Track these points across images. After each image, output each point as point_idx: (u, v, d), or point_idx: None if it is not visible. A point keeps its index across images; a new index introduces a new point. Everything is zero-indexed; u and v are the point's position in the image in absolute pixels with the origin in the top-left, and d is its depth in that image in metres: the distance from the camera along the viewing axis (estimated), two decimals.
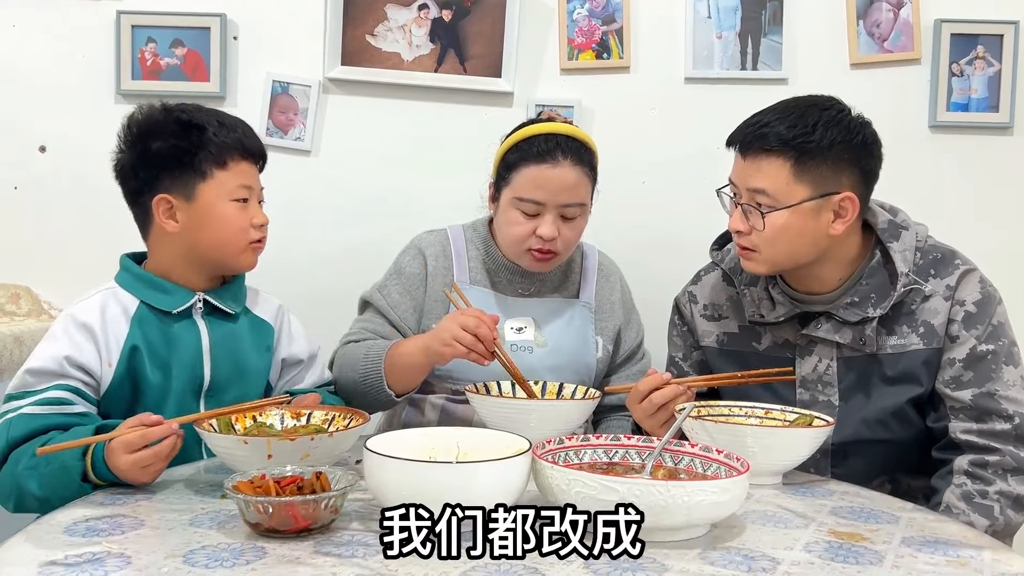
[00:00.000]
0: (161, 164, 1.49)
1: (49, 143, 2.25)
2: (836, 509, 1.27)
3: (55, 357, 1.42)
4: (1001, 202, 2.29)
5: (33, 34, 2.23)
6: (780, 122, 1.49)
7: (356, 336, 1.78)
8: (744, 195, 1.53)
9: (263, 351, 1.60)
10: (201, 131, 1.49)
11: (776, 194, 1.49)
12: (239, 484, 1.10)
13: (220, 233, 1.51)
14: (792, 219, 1.49)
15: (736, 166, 1.56)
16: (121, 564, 0.98)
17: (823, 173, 1.49)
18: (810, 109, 1.51)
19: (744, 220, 1.53)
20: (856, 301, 1.56)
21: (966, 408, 1.51)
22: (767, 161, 1.50)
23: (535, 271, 1.81)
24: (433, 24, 2.26)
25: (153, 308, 1.50)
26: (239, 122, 1.55)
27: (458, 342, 1.52)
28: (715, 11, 2.26)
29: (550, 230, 1.71)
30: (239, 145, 1.52)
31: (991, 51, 2.25)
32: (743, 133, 1.54)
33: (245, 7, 2.26)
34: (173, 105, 1.53)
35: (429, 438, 1.23)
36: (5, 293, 2.19)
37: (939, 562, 1.07)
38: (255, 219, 1.54)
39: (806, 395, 1.61)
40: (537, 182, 1.71)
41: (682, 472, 1.22)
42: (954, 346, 1.53)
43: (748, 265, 1.57)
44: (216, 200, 1.50)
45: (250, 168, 1.55)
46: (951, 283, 1.55)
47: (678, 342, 1.78)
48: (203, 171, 1.49)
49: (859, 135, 1.50)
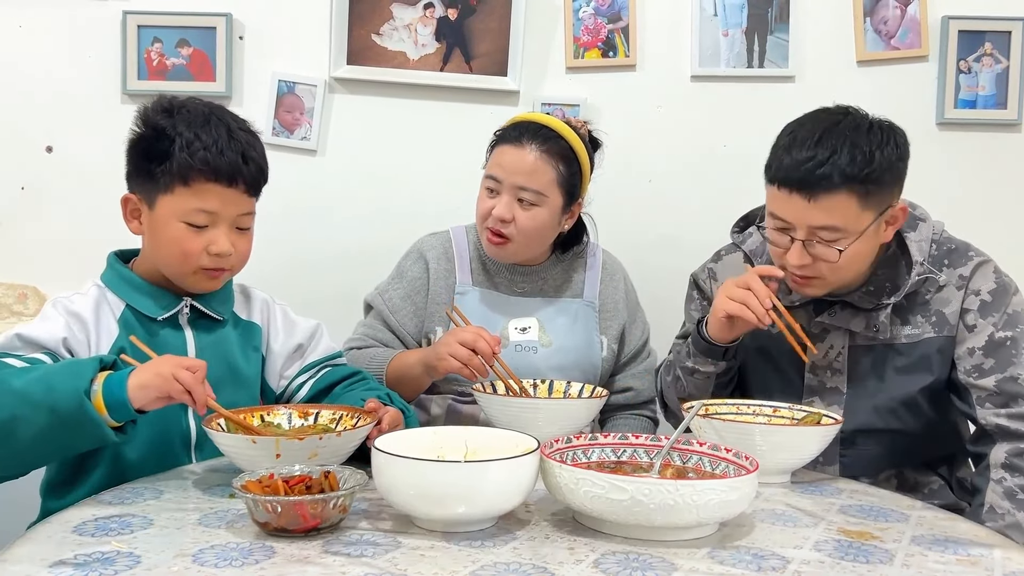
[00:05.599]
0: (135, 162, 1.44)
1: (55, 143, 2.25)
2: (845, 507, 1.27)
3: (51, 334, 1.36)
4: (1009, 199, 2.28)
5: (39, 34, 2.24)
6: (837, 156, 1.44)
7: (358, 343, 1.80)
8: (803, 232, 1.48)
9: (251, 353, 1.54)
10: (171, 142, 1.39)
11: (846, 228, 1.47)
12: (248, 483, 1.10)
13: (168, 250, 1.43)
14: (862, 244, 1.49)
15: (791, 203, 1.48)
16: (131, 563, 0.98)
17: (882, 194, 1.48)
18: (856, 133, 1.47)
19: (805, 255, 1.50)
20: (871, 290, 1.57)
21: (992, 395, 1.52)
22: (834, 199, 1.45)
23: (494, 257, 1.81)
24: (439, 23, 2.25)
25: (138, 313, 1.45)
26: (223, 139, 1.41)
27: (454, 357, 1.55)
28: (721, 8, 2.25)
29: (502, 209, 1.72)
30: (205, 166, 1.38)
31: (999, 48, 2.25)
32: (801, 172, 1.46)
33: (251, 7, 2.26)
34: (174, 105, 1.44)
35: (437, 437, 1.23)
36: (12, 293, 2.19)
37: (949, 560, 1.06)
38: (211, 246, 1.42)
39: (814, 380, 1.62)
40: (497, 159, 1.76)
41: (691, 471, 1.21)
42: (972, 335, 1.54)
43: (807, 291, 1.56)
44: (169, 217, 1.41)
45: (221, 191, 1.41)
46: (964, 273, 1.56)
47: (695, 316, 1.76)
48: (164, 184, 1.40)
49: (903, 145, 1.50)
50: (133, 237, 1.57)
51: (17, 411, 1.19)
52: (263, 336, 1.58)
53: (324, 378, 1.57)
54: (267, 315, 1.59)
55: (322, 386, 1.56)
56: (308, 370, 1.58)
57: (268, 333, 1.58)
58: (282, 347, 1.58)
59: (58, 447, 1.24)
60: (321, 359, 1.59)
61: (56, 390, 1.18)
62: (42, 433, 1.19)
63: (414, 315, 1.82)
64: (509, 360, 1.63)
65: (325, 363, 1.59)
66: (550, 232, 1.79)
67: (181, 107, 1.44)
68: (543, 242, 1.81)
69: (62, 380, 1.20)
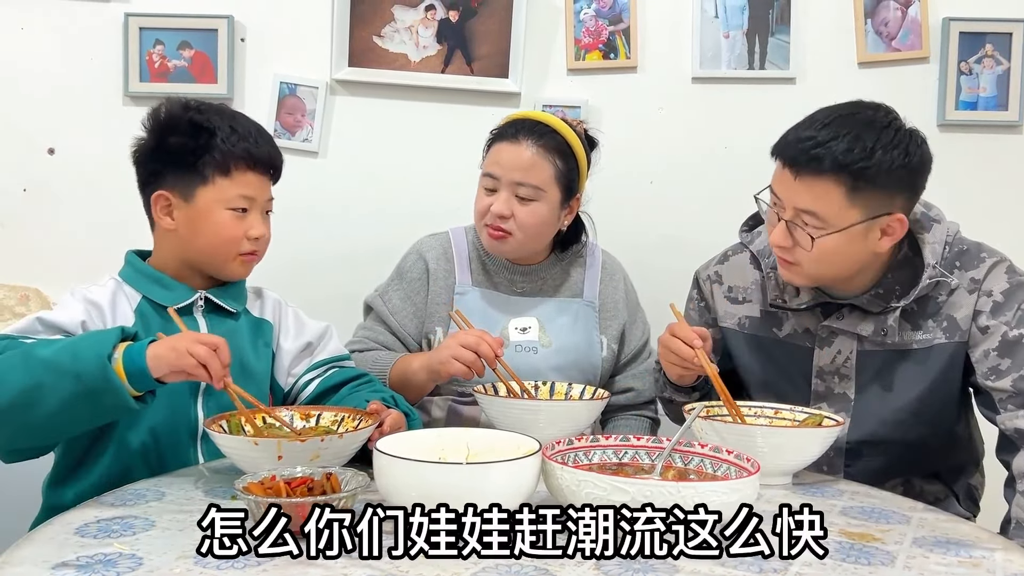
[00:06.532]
0: (167, 160, 1.48)
1: (58, 145, 2.26)
2: (847, 509, 1.27)
3: (71, 317, 1.41)
4: (1010, 201, 2.28)
5: (41, 37, 2.24)
6: (836, 142, 1.40)
7: (359, 345, 1.80)
8: (790, 211, 1.46)
9: (262, 348, 1.58)
10: (211, 135, 1.47)
11: (827, 218, 1.42)
12: (250, 485, 1.10)
13: (211, 239, 1.49)
14: (841, 241, 1.44)
15: (783, 179, 1.47)
16: (133, 565, 0.98)
17: (878, 197, 1.42)
18: (868, 129, 1.41)
19: (788, 236, 1.47)
20: (881, 293, 1.53)
21: (1011, 396, 1.46)
22: (820, 183, 1.41)
23: (494, 252, 1.82)
24: (440, 25, 2.26)
25: (154, 303, 1.49)
26: (254, 130, 1.52)
27: (457, 360, 1.56)
28: (722, 10, 2.25)
29: (500, 206, 1.73)
30: (246, 155, 1.49)
31: (1000, 49, 2.25)
32: (795, 149, 1.44)
33: (252, 9, 2.26)
34: (194, 104, 1.51)
35: (439, 439, 1.22)
36: (14, 294, 2.20)
37: (951, 562, 1.06)
38: (251, 231, 1.51)
39: (821, 386, 1.59)
40: (495, 157, 1.77)
41: (692, 473, 1.21)
42: (985, 338, 1.49)
43: (787, 276, 1.53)
44: (213, 206, 1.48)
45: (257, 179, 1.52)
46: (976, 276, 1.52)
47: (694, 316, 1.75)
48: (205, 175, 1.47)
49: (917, 156, 1.43)
50: (134, 238, 1.60)
51: (43, 379, 1.22)
52: (274, 333, 1.61)
53: (331, 378, 1.58)
54: (279, 314, 1.63)
55: (328, 385, 1.57)
56: (315, 368, 1.59)
57: (279, 331, 1.62)
58: (292, 345, 1.61)
59: (82, 415, 1.27)
60: (329, 359, 1.61)
61: (80, 358, 1.22)
62: (67, 400, 1.22)
63: (414, 316, 1.82)
64: (510, 360, 1.63)
65: (333, 363, 1.61)
66: (549, 228, 1.80)
67: (200, 105, 1.52)
68: (543, 238, 1.81)
69: (86, 348, 1.24)
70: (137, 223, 1.57)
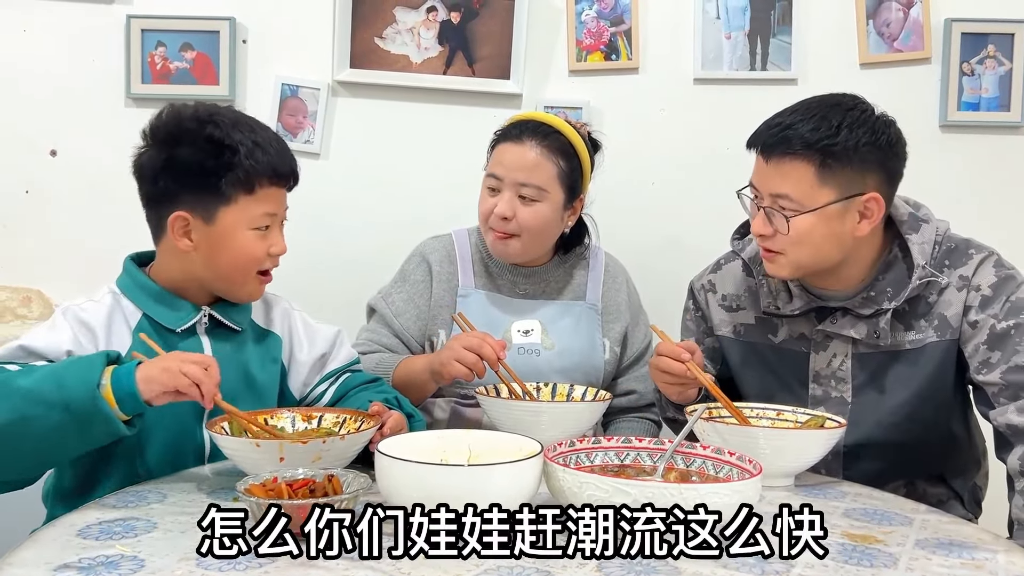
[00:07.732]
0: (184, 179, 1.38)
1: (60, 147, 2.26)
2: (849, 511, 1.27)
3: (56, 345, 1.34)
4: (1012, 201, 2.28)
5: (43, 38, 2.24)
6: (803, 124, 1.45)
7: (363, 348, 1.80)
8: (767, 199, 1.49)
9: (269, 364, 1.52)
10: (233, 153, 1.37)
11: (801, 198, 1.46)
12: (251, 487, 1.10)
13: (232, 261, 1.42)
14: (817, 222, 1.46)
15: (758, 169, 1.52)
16: (135, 567, 0.99)
17: (848, 175, 1.45)
18: (833, 110, 1.46)
19: (767, 224, 1.49)
20: (872, 295, 1.54)
21: (1002, 390, 1.46)
22: (791, 165, 1.46)
23: (500, 256, 1.81)
24: (441, 26, 2.26)
25: (156, 323, 1.42)
26: (274, 141, 1.43)
27: (459, 362, 1.55)
28: (724, 11, 2.25)
29: (503, 207, 1.73)
30: (271, 171, 1.40)
31: (1002, 50, 2.24)
32: (765, 135, 1.50)
33: (254, 10, 2.26)
34: (206, 114, 1.40)
35: (441, 440, 1.22)
36: (16, 296, 2.20)
37: (954, 564, 1.06)
38: (272, 248, 1.44)
39: (818, 391, 1.60)
40: (498, 157, 1.77)
41: (694, 474, 1.21)
42: (975, 332, 1.50)
43: (771, 268, 1.54)
44: (236, 227, 1.40)
45: (278, 192, 1.44)
46: (965, 272, 1.52)
47: (691, 327, 1.76)
48: (228, 195, 1.38)
49: (884, 135, 1.47)
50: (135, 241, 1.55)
51: (27, 411, 1.19)
52: (284, 347, 1.56)
53: (344, 384, 1.57)
54: (287, 325, 1.57)
55: (342, 392, 1.56)
56: (329, 377, 1.58)
57: (291, 344, 1.57)
58: (307, 357, 1.57)
59: (70, 444, 1.24)
60: (342, 367, 1.59)
61: (67, 386, 1.19)
62: (54, 431, 1.19)
63: (417, 318, 1.82)
64: (512, 363, 1.63)
65: (345, 370, 1.60)
66: (553, 228, 1.80)
67: (213, 115, 1.40)
68: (547, 239, 1.81)
69: (72, 376, 1.20)
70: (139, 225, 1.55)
